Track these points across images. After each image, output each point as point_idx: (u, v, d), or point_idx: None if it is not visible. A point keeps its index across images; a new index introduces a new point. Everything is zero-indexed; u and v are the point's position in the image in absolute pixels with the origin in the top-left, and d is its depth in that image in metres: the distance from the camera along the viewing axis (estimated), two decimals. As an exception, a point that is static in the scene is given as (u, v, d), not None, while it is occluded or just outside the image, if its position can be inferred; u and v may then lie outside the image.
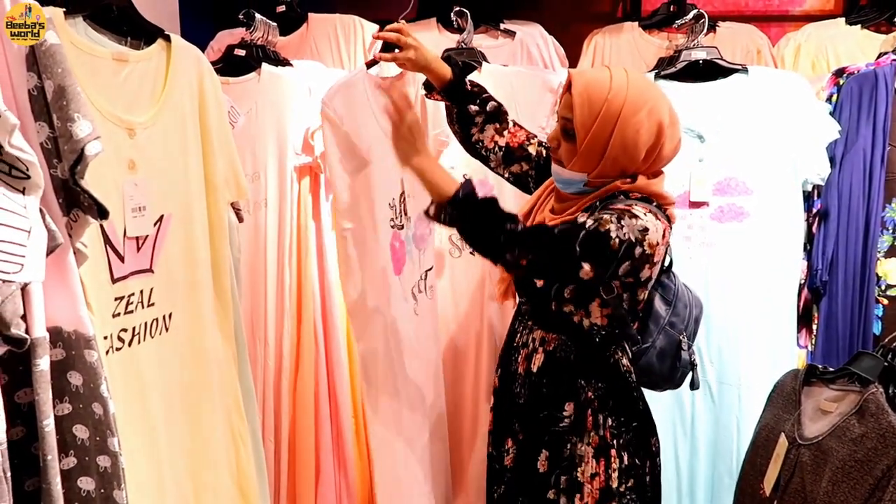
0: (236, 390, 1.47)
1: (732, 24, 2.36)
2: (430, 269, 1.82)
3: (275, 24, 2.03)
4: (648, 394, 1.58)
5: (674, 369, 1.49)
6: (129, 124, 1.20)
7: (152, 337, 1.25)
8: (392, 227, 1.67)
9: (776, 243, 1.98)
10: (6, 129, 0.73)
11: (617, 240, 1.27)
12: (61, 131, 0.82)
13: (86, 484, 0.93)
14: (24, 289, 0.79)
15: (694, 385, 1.54)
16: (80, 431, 0.92)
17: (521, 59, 2.29)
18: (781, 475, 1.20)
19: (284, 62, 2.00)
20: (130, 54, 1.23)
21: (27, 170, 0.77)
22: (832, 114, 1.98)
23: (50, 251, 0.81)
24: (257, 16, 1.97)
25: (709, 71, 2.01)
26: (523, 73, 2.02)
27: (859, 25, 2.34)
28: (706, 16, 2.03)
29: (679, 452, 2.04)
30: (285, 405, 1.99)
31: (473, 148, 1.67)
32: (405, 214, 1.71)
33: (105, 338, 1.13)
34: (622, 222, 1.28)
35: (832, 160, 1.98)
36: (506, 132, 1.64)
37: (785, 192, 1.97)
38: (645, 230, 1.28)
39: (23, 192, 0.76)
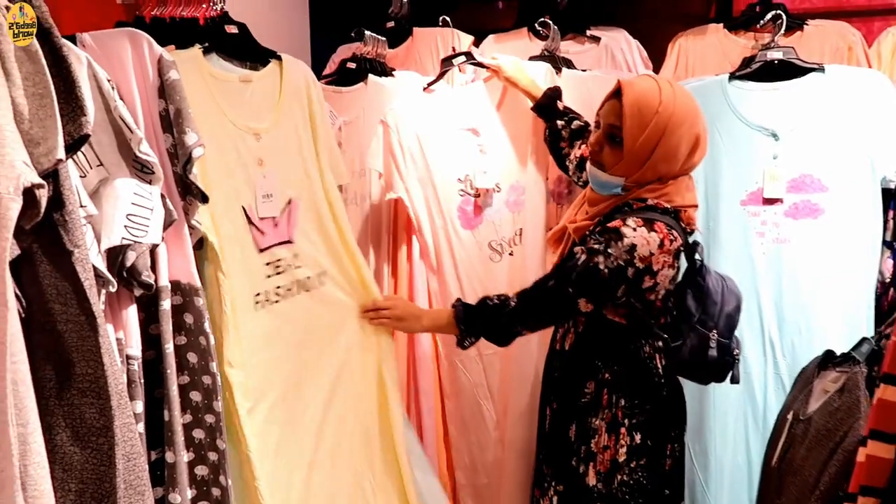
0: (383, 330, 1.72)
1: (822, 21, 2.33)
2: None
3: (384, 38, 2.32)
4: (720, 387, 1.60)
5: (706, 364, 1.52)
6: (255, 130, 1.51)
7: (307, 291, 1.58)
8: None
9: (851, 240, 1.97)
10: (136, 141, 1.07)
11: (606, 270, 1.38)
12: (178, 140, 1.17)
13: (195, 396, 1.26)
14: (153, 251, 1.14)
15: (734, 380, 1.55)
16: (192, 357, 1.25)
17: (606, 63, 2.42)
18: (783, 447, 1.31)
19: (388, 72, 2.30)
20: (252, 75, 1.54)
21: (152, 167, 1.11)
22: (923, 111, 1.95)
23: (168, 224, 1.15)
24: (367, 32, 2.28)
25: (785, 70, 2.04)
26: (599, 77, 2.15)
27: (964, 17, 2.24)
28: (783, 16, 2.08)
29: (750, 442, 2.07)
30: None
31: (561, 159, 1.89)
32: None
33: (257, 294, 1.46)
34: (609, 250, 1.38)
35: (920, 158, 1.95)
36: (583, 145, 1.80)
37: (861, 190, 1.96)
38: (632, 248, 1.38)
39: (150, 182, 1.10)
